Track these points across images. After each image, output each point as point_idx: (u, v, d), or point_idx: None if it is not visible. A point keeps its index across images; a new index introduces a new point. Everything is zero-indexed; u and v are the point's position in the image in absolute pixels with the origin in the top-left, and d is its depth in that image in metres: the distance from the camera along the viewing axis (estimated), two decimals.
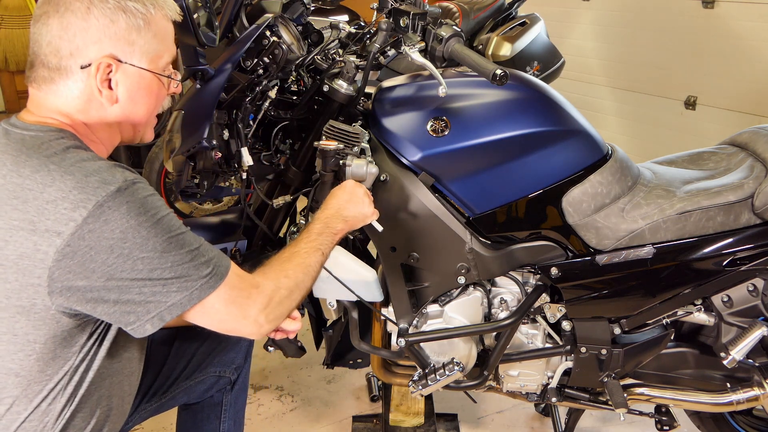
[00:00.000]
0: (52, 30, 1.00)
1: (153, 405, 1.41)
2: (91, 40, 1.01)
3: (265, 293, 1.09)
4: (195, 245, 1.01)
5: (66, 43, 1.00)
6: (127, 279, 0.95)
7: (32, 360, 0.99)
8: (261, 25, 1.47)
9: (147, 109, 1.11)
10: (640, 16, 4.10)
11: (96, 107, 1.05)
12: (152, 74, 1.07)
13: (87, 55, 1.01)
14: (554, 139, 1.50)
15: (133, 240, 0.94)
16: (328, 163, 1.44)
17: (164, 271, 0.97)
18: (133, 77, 1.05)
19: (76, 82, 1.02)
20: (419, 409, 2.03)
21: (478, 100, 1.51)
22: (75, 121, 1.05)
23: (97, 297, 0.96)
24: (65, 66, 1.01)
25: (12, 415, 1.01)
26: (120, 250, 0.93)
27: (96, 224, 0.92)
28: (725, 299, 1.56)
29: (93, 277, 0.94)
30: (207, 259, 1.02)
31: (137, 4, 1.03)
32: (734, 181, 1.54)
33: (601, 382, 1.66)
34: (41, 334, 0.97)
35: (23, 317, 0.95)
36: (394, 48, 1.57)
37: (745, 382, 1.63)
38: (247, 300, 1.07)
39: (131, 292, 0.96)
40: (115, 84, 1.04)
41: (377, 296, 1.59)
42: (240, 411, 1.60)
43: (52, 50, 1.00)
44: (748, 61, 3.51)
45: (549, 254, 1.55)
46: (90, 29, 1.00)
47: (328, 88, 1.53)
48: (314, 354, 2.01)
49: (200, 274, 1.00)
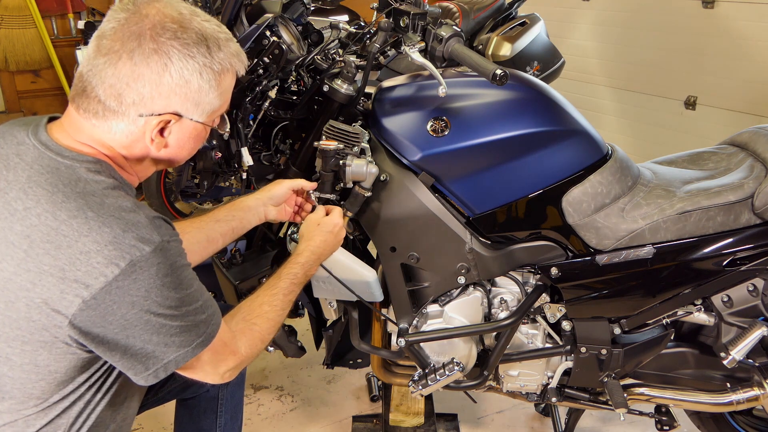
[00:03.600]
0: (120, 74, 0.96)
1: (149, 400, 1.43)
2: (159, 95, 0.98)
3: (239, 359, 1.16)
4: (200, 302, 1.04)
5: (132, 91, 0.97)
6: (136, 334, 0.97)
7: (53, 386, 1.02)
8: (261, 25, 1.47)
9: (189, 153, 1.12)
10: (640, 16, 4.10)
11: (141, 147, 1.04)
12: (204, 125, 1.07)
13: (151, 107, 0.99)
14: (554, 139, 1.50)
15: (154, 299, 0.96)
16: (328, 163, 1.44)
17: (171, 329, 0.99)
18: (187, 128, 1.05)
19: (128, 125, 1.00)
20: (419, 409, 2.03)
21: (478, 100, 1.51)
22: (115, 154, 1.03)
23: (109, 344, 0.98)
24: (124, 111, 0.98)
25: (27, 425, 1.04)
26: (140, 306, 0.95)
27: (125, 282, 0.93)
28: (725, 299, 1.56)
29: (109, 327, 0.95)
30: (205, 316, 1.05)
31: (214, 63, 1.01)
32: (734, 181, 1.54)
33: (601, 382, 1.66)
34: (62, 366, 1.00)
35: (45, 351, 0.97)
36: (394, 48, 1.57)
37: (745, 382, 1.62)
38: (222, 363, 1.13)
39: (138, 344, 0.98)
40: (168, 133, 1.04)
41: (377, 296, 1.59)
42: (237, 406, 1.60)
43: (114, 93, 0.97)
44: (748, 61, 3.51)
45: (549, 254, 1.55)
46: (162, 85, 0.98)
47: (328, 88, 1.53)
48: (314, 354, 2.01)
49: (198, 333, 1.03)
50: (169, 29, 0.97)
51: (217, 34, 1.02)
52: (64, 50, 4.38)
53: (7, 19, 4.20)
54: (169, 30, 0.97)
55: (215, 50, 1.01)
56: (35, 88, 4.45)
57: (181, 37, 0.97)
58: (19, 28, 4.25)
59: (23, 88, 4.42)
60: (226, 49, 1.03)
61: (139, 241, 0.93)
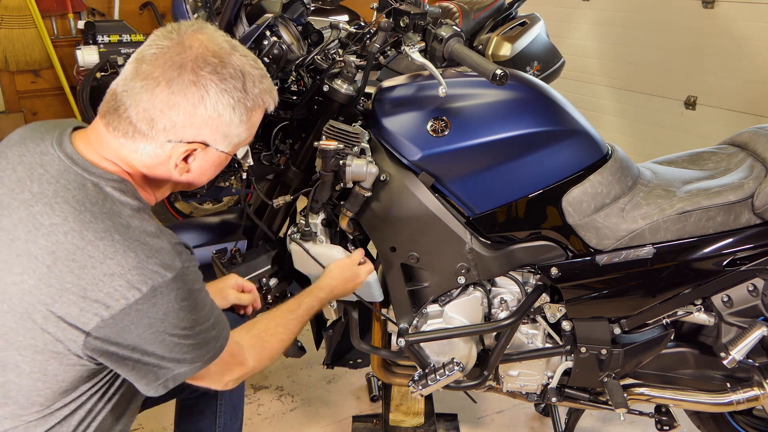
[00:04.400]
0: (155, 101, 0.97)
1: (148, 400, 1.42)
2: (191, 124, 1.00)
3: (246, 369, 1.22)
4: (211, 320, 1.07)
5: (165, 119, 0.99)
6: (151, 351, 1.00)
7: (57, 394, 1.03)
8: (261, 25, 1.47)
9: (209, 179, 1.13)
10: (640, 16, 4.10)
11: (163, 170, 1.05)
12: (227, 155, 1.09)
13: (181, 135, 1.01)
14: (554, 139, 1.50)
15: (171, 321, 0.98)
16: (328, 163, 1.44)
17: (183, 347, 1.02)
18: (211, 157, 1.07)
19: (156, 149, 1.02)
20: (419, 409, 2.03)
21: (478, 100, 1.51)
22: (136, 173, 1.05)
23: (121, 359, 1.00)
24: (154, 135, 1.00)
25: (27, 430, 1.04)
26: (156, 328, 0.97)
27: (145, 305, 0.95)
28: (725, 299, 1.56)
29: (123, 344, 0.98)
30: (216, 332, 1.08)
31: (247, 99, 1.03)
32: (734, 181, 1.54)
33: (601, 382, 1.66)
34: (69, 375, 1.01)
35: (56, 361, 0.99)
36: (394, 48, 1.57)
37: (745, 382, 1.62)
38: (228, 372, 1.18)
39: (150, 361, 1.01)
40: (193, 159, 1.05)
41: (377, 296, 1.59)
42: (237, 406, 1.60)
43: (147, 118, 0.98)
44: (748, 61, 3.51)
45: (549, 254, 1.55)
46: (195, 116, 0.99)
47: (328, 88, 1.53)
48: (314, 354, 2.01)
49: (208, 349, 1.07)
50: (210, 63, 0.99)
51: (254, 70, 1.04)
52: (64, 50, 4.38)
53: (7, 19, 4.19)
54: (210, 64, 0.99)
55: (250, 87, 1.03)
56: (35, 88, 4.45)
57: (220, 72, 0.99)
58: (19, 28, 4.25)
59: (23, 88, 4.42)
60: (261, 86, 1.05)
61: (162, 268, 0.96)
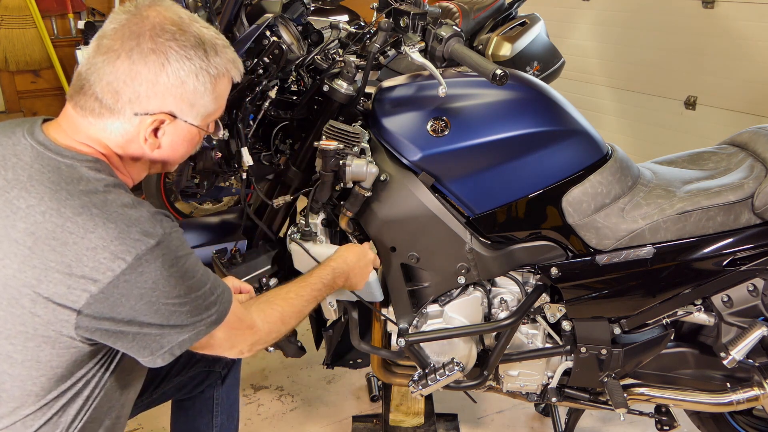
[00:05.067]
0: (118, 72, 0.98)
1: (144, 401, 1.43)
2: (155, 94, 1.00)
3: (258, 334, 1.19)
4: (207, 285, 1.06)
5: (129, 89, 0.99)
6: (147, 321, 0.99)
7: (52, 381, 1.02)
8: (261, 25, 1.47)
9: (183, 156, 1.13)
10: (640, 16, 4.10)
11: (135, 148, 1.06)
12: (198, 128, 1.09)
13: (146, 106, 1.01)
14: (554, 139, 1.50)
15: (162, 289, 0.98)
16: (328, 163, 1.44)
17: (181, 314, 1.01)
18: (180, 131, 1.07)
19: (124, 124, 1.02)
20: (419, 409, 2.03)
21: (478, 100, 1.51)
22: (111, 153, 1.05)
23: (119, 334, 0.99)
24: (120, 108, 1.00)
25: (25, 427, 1.03)
26: (149, 298, 0.97)
27: (132, 275, 0.95)
28: (725, 299, 1.56)
29: (118, 318, 0.97)
30: (215, 297, 1.07)
31: (210, 67, 1.03)
32: (734, 181, 1.54)
33: (601, 382, 1.66)
34: (63, 360, 1.01)
35: (48, 346, 0.98)
36: (394, 48, 1.57)
37: (745, 382, 1.62)
38: (239, 337, 1.16)
39: (150, 332, 1.00)
40: (162, 134, 1.05)
41: (377, 296, 1.59)
42: (233, 406, 1.60)
43: (111, 91, 0.99)
44: (748, 61, 3.51)
45: (549, 254, 1.55)
46: (158, 84, 1.00)
47: (328, 88, 1.53)
48: (314, 354, 2.01)
49: (209, 313, 1.06)
50: (168, 31, 0.99)
51: (215, 40, 1.05)
52: (64, 50, 4.38)
53: (7, 19, 4.19)
54: (168, 32, 0.99)
55: (212, 55, 1.03)
56: (35, 88, 4.45)
57: (179, 39, 1.00)
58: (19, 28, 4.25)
59: (23, 88, 4.42)
60: (223, 55, 1.05)
61: (144, 236, 0.95)
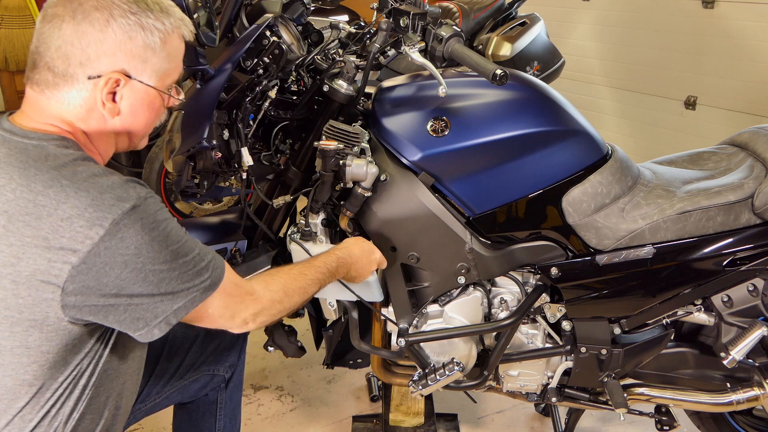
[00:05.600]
0: (65, 35, 0.98)
1: (147, 405, 1.42)
2: (105, 52, 0.99)
3: (260, 302, 1.17)
4: (195, 251, 1.04)
5: (78, 51, 0.98)
6: (137, 291, 0.97)
7: (45, 369, 1.00)
8: (261, 25, 1.47)
9: (146, 123, 1.11)
10: (640, 16, 4.10)
11: (97, 117, 1.04)
12: (157, 91, 1.08)
13: (98, 67, 1.00)
14: (554, 139, 1.50)
15: (146, 255, 0.96)
16: (328, 163, 1.44)
17: (171, 280, 1.00)
18: (138, 93, 1.05)
19: (80, 91, 1.01)
20: (419, 409, 2.03)
21: (478, 100, 1.51)
22: (75, 129, 1.04)
23: (109, 308, 0.97)
24: (72, 73, 1.00)
25: (23, 422, 1.02)
26: (134, 265, 0.95)
27: (112, 242, 0.93)
28: (725, 299, 1.56)
29: (105, 290, 0.95)
30: (206, 263, 1.05)
31: (157, 22, 1.02)
32: (734, 181, 1.54)
33: (601, 382, 1.66)
34: (54, 345, 0.99)
35: (36, 330, 0.97)
36: (394, 48, 1.57)
37: (745, 382, 1.62)
38: (240, 305, 1.13)
39: (141, 302, 0.99)
40: (120, 98, 1.04)
41: (377, 296, 1.59)
42: (236, 409, 1.60)
43: (61, 55, 0.98)
44: (748, 61, 3.51)
45: (549, 254, 1.55)
46: (106, 41, 0.99)
47: (328, 88, 1.53)
48: (314, 354, 2.01)
49: (202, 279, 1.04)
50: None
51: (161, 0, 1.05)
52: None
53: (7, 19, 4.20)
54: None
55: (157, 11, 1.03)
56: None
57: None
58: (19, 28, 4.25)
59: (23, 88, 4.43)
60: (170, 12, 1.05)
61: (118, 200, 0.94)
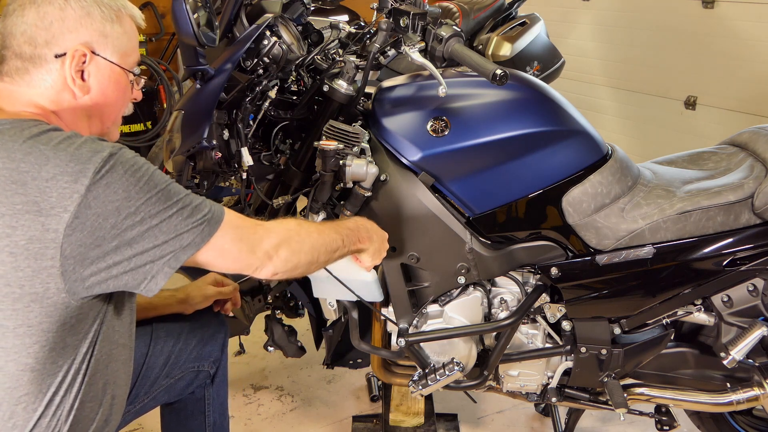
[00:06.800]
0: (28, 20, 1.03)
1: (135, 407, 1.40)
2: (67, 29, 1.05)
3: (275, 232, 1.15)
4: (186, 191, 1.06)
5: (42, 31, 1.04)
6: (138, 234, 0.98)
7: (46, 351, 1.00)
8: (261, 25, 1.47)
9: (116, 102, 1.15)
10: (640, 16, 4.10)
11: (68, 98, 1.09)
12: (122, 70, 1.13)
13: (63, 44, 1.05)
14: (554, 139, 1.50)
15: (137, 196, 0.97)
16: (328, 163, 1.44)
17: (172, 217, 1.01)
18: (104, 70, 1.11)
19: (50, 72, 1.06)
20: (419, 409, 2.03)
21: (478, 100, 1.51)
22: (46, 112, 1.07)
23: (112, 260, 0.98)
24: (40, 54, 1.04)
25: (27, 414, 1.01)
26: (127, 210, 0.97)
27: (99, 189, 0.95)
28: (725, 299, 1.56)
29: (104, 242, 0.96)
30: (201, 200, 1.07)
31: (111, 2, 1.10)
32: (734, 181, 1.54)
33: (601, 382, 1.66)
34: (53, 321, 0.99)
35: (37, 305, 0.97)
36: (394, 48, 1.57)
37: (745, 382, 1.62)
38: (254, 235, 1.12)
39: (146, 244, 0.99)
40: (88, 75, 1.09)
41: (377, 296, 1.59)
42: (224, 404, 1.59)
43: (27, 39, 1.04)
44: (748, 61, 3.51)
45: (549, 254, 1.55)
46: (67, 19, 1.05)
47: (328, 88, 1.53)
48: (314, 354, 2.01)
49: (203, 213, 1.05)
50: None
51: None
52: None
53: None
54: None
55: None
56: None
57: None
58: None
59: None
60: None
61: (95, 152, 0.97)
